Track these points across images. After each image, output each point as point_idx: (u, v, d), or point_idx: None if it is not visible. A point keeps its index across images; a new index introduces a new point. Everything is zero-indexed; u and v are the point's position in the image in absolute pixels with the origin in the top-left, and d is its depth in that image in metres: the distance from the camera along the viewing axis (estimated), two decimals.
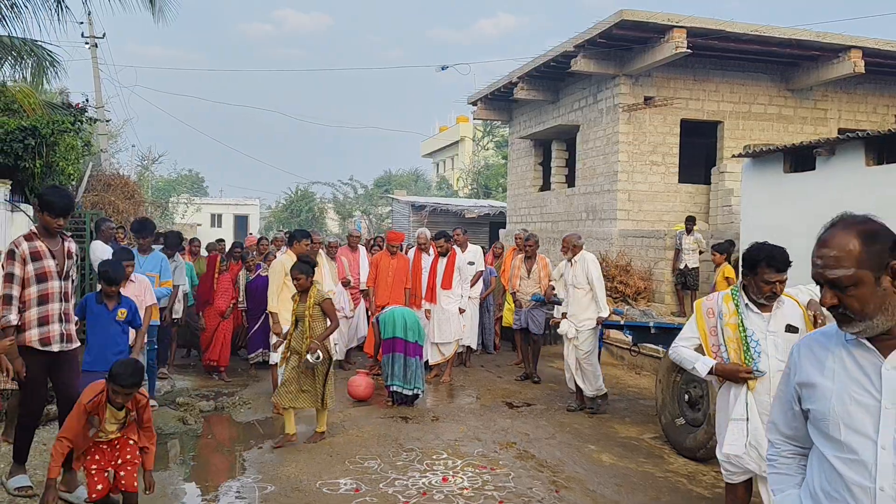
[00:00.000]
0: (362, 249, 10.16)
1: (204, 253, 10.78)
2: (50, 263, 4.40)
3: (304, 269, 6.02)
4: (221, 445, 6.36)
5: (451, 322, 8.72)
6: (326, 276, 8.24)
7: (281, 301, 6.87)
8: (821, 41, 13.81)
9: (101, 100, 21.03)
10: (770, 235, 11.94)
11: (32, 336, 4.35)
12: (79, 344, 4.68)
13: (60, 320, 4.47)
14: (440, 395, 8.20)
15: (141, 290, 6.29)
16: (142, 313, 5.62)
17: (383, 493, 4.94)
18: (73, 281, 4.64)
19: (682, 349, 4.03)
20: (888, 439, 1.73)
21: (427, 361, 8.61)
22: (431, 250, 9.03)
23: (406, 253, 9.83)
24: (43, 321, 4.38)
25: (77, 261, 4.69)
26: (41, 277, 4.37)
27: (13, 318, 4.27)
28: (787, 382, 2.02)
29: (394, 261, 8.97)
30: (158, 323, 7.36)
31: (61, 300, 4.47)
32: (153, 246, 7.74)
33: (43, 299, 4.39)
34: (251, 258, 9.64)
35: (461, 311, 8.84)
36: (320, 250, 8.39)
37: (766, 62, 15.11)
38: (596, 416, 7.22)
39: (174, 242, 8.37)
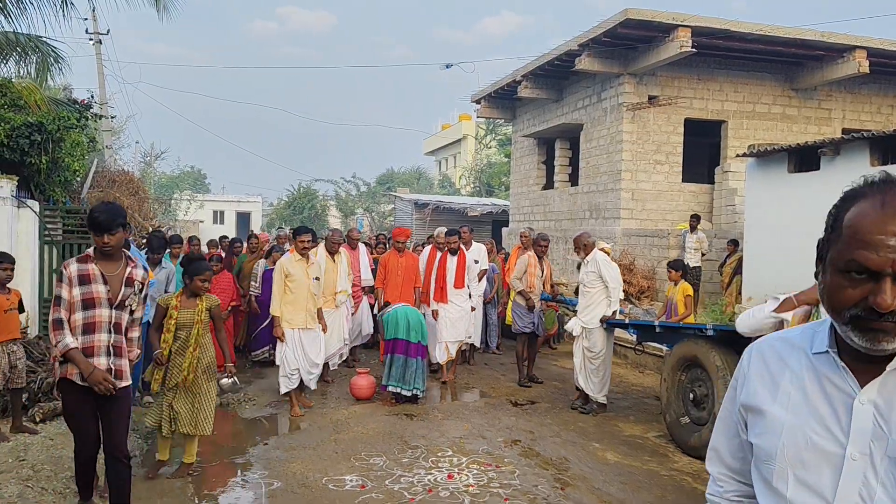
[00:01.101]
0: (362, 247, 10.06)
1: (204, 250, 10.85)
2: (100, 289, 3.91)
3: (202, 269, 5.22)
4: (227, 442, 6.37)
5: (464, 320, 8.64)
6: (343, 276, 8.17)
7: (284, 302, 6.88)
8: (825, 41, 13.80)
9: (105, 96, 21.05)
10: (774, 235, 12.07)
11: (73, 369, 3.88)
12: (129, 382, 4.13)
13: (108, 353, 3.96)
14: (445, 393, 8.22)
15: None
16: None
17: (389, 490, 4.95)
18: (131, 311, 4.12)
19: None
20: None
21: (433, 361, 8.57)
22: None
23: (413, 251, 9.71)
24: (87, 352, 3.89)
25: (142, 289, 4.14)
26: (88, 304, 3.90)
27: (69, 340, 3.84)
28: (731, 399, 1.48)
29: (402, 259, 8.71)
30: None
31: (110, 331, 3.96)
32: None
33: (88, 328, 3.90)
34: (279, 252, 9.39)
35: (473, 309, 8.76)
36: (341, 249, 8.39)
37: (771, 62, 15.10)
38: (601, 415, 7.24)
39: (158, 245, 7.44)
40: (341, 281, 8.11)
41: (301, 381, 7.08)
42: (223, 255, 10.48)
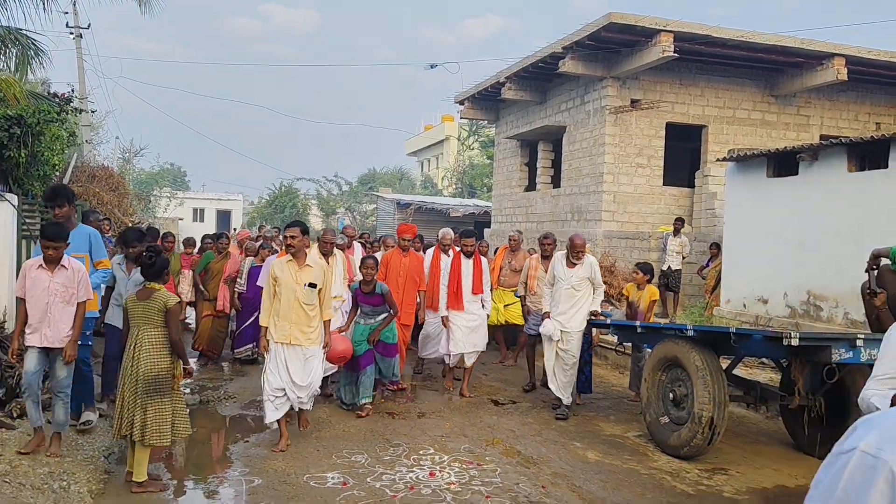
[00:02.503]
0: (357, 246, 9.53)
1: (179, 249, 10.67)
2: None
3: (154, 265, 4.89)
4: (207, 439, 6.34)
5: (481, 329, 8.01)
6: (338, 279, 7.34)
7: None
8: (805, 48, 14.00)
9: (85, 91, 20.82)
10: (752, 239, 12.22)
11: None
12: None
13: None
14: (426, 392, 8.22)
15: (73, 280, 5.01)
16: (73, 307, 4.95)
17: (371, 487, 4.95)
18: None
19: (874, 396, 2.20)
20: None
21: (441, 362, 8.42)
22: (451, 251, 8.33)
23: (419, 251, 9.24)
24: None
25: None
26: None
27: None
28: None
29: (406, 259, 8.00)
30: (97, 315, 6.07)
31: None
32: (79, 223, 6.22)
33: None
34: (268, 250, 9.28)
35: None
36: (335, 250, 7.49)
37: (751, 68, 15.29)
38: (581, 415, 7.28)
39: (133, 238, 6.96)
40: (336, 285, 7.21)
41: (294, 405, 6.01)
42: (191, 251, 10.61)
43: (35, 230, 8.51)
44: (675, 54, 13.33)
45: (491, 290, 8.98)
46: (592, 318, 7.20)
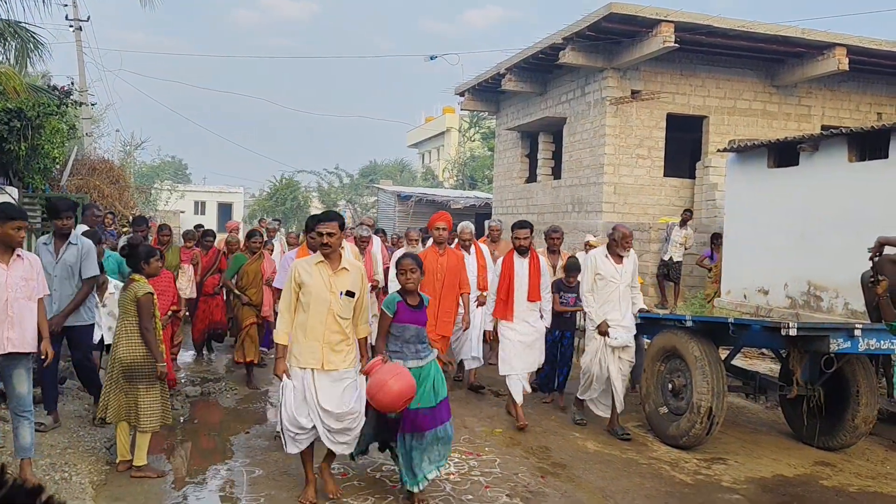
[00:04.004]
0: (376, 240, 8.33)
1: (179, 242, 10.02)
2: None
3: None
4: (208, 430, 6.37)
5: (538, 345, 6.57)
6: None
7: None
8: (806, 38, 13.95)
9: (85, 83, 20.80)
10: (753, 230, 12.20)
11: None
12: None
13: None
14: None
15: (32, 273, 4.45)
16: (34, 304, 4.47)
17: (371, 478, 4.98)
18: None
19: None
20: None
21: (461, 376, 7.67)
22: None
23: (394, 245, 8.59)
24: None
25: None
26: None
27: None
28: None
29: (444, 258, 6.64)
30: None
31: None
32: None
33: None
34: (270, 245, 8.96)
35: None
36: (349, 243, 6.65)
37: (752, 58, 15.24)
38: (579, 403, 7.27)
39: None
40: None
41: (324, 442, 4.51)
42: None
43: (35, 224, 8.53)
44: (676, 45, 13.29)
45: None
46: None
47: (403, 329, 4.53)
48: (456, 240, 7.88)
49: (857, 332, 5.24)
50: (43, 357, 4.53)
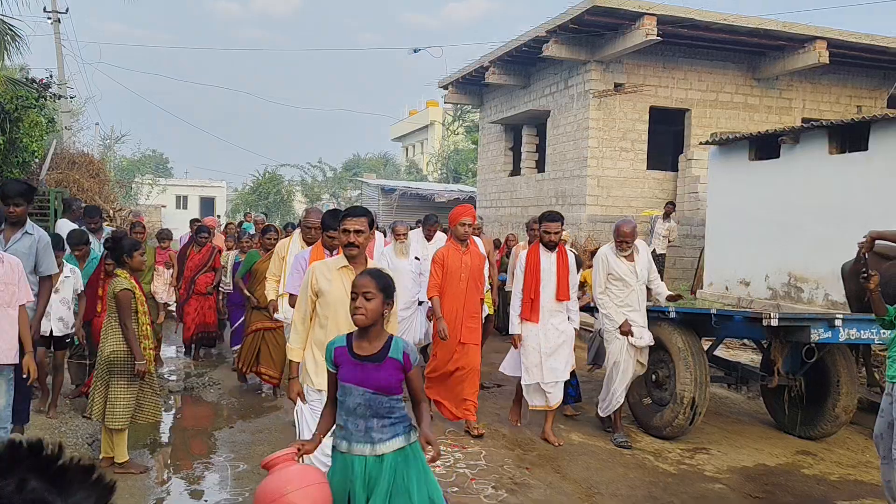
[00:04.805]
0: (378, 236, 7.95)
1: (154, 242, 9.15)
2: None
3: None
4: (192, 425, 6.33)
5: (564, 350, 5.83)
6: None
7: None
8: (787, 31, 14.06)
9: (64, 76, 20.54)
10: (735, 222, 12.30)
11: None
12: None
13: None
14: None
15: (12, 276, 4.15)
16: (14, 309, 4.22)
17: None
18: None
19: None
20: None
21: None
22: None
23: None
24: None
25: None
26: None
27: None
28: None
29: (467, 257, 5.92)
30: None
31: None
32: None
33: None
34: (245, 239, 8.47)
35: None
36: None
37: (734, 51, 15.34)
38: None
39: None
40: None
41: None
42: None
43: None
44: (659, 38, 13.35)
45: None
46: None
47: (345, 393, 2.90)
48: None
49: (838, 322, 5.29)
50: (25, 375, 4.22)
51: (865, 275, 4.14)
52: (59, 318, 5.78)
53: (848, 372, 5.92)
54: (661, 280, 6.35)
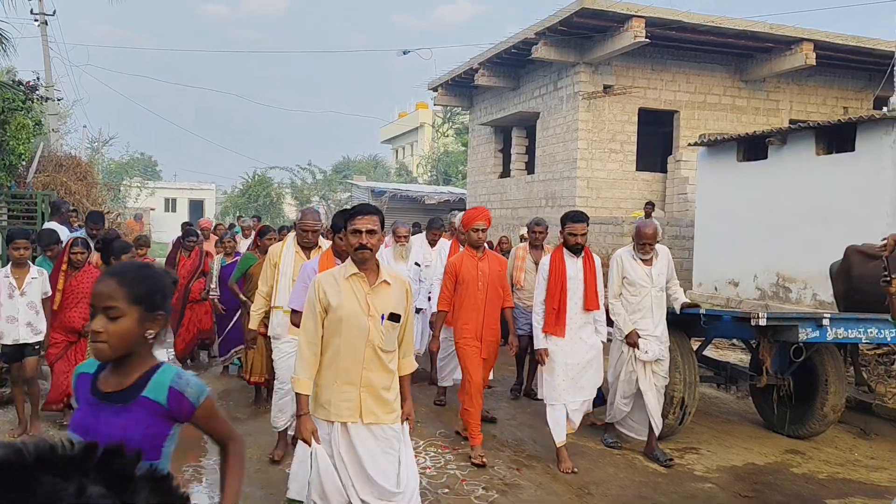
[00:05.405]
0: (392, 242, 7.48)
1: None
2: None
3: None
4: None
5: (593, 366, 5.28)
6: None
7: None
8: (774, 33, 14.16)
9: (51, 79, 20.42)
10: (723, 222, 12.35)
11: None
12: None
13: None
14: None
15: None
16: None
17: None
18: None
19: None
20: None
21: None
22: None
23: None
24: None
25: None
26: None
27: None
28: None
29: (484, 263, 5.40)
30: None
31: None
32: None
33: None
34: (227, 239, 8.07)
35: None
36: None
37: (722, 53, 15.43)
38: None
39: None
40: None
41: None
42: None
43: (1, 221, 8.36)
44: (647, 40, 13.41)
45: None
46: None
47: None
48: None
49: (826, 322, 5.32)
50: None
51: (888, 278, 4.10)
52: (28, 324, 5.33)
53: (836, 371, 5.95)
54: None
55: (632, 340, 5.33)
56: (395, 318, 3.25)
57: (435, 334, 5.58)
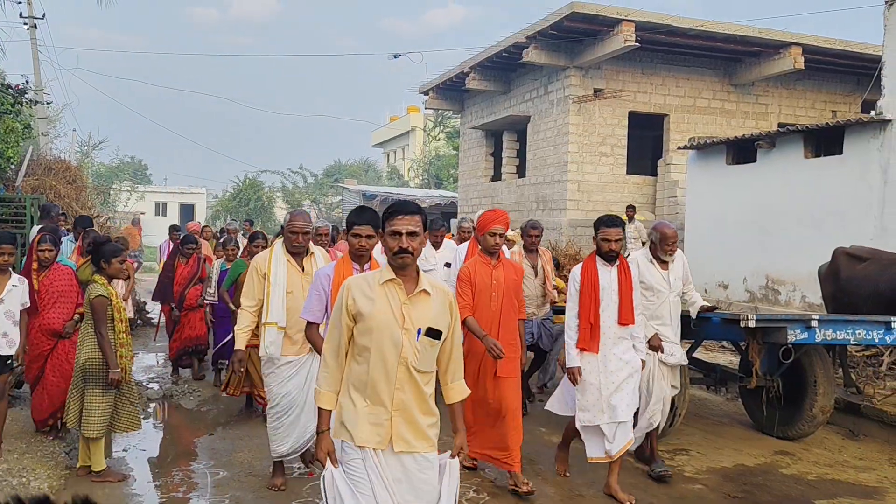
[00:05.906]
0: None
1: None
2: None
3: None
4: (171, 432, 6.28)
5: (629, 386, 4.72)
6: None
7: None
8: (763, 37, 14.26)
9: (41, 82, 20.31)
10: (713, 225, 12.41)
11: None
12: None
13: None
14: None
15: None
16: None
17: None
18: None
19: None
20: None
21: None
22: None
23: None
24: None
25: None
26: None
27: None
28: None
29: (498, 272, 4.92)
30: None
31: None
32: None
33: None
34: (232, 245, 7.92)
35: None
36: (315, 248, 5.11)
37: (711, 57, 15.52)
38: (545, 401, 7.17)
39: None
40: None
41: None
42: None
43: None
44: (637, 44, 13.47)
45: None
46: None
47: None
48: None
49: (814, 324, 5.35)
50: None
51: None
52: (4, 334, 4.97)
53: (825, 373, 5.99)
54: None
55: (655, 343, 5.05)
56: (433, 334, 2.84)
57: (480, 335, 4.74)
